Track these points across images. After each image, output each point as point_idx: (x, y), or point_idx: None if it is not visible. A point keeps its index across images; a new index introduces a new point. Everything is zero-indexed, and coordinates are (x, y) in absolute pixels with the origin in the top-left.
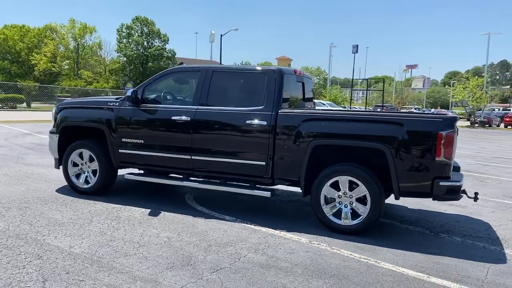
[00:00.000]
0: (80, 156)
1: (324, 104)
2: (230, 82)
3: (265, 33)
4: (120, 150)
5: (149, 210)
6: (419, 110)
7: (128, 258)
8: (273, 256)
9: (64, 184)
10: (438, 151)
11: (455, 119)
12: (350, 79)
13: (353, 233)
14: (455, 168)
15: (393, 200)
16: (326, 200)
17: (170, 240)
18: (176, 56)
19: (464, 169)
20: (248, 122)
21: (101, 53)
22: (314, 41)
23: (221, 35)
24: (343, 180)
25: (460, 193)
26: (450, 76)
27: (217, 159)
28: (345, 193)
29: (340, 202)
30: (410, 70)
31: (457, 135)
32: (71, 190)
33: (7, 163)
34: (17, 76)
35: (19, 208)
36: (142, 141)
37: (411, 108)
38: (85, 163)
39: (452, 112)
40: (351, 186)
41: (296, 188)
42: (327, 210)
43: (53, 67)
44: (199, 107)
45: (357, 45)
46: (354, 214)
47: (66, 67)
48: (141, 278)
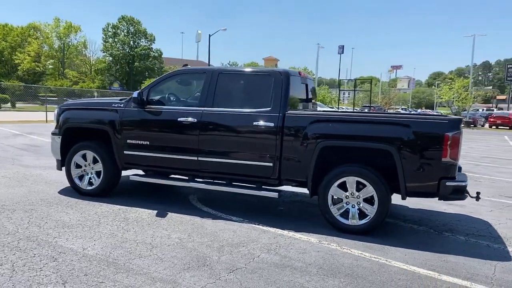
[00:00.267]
0: (84, 157)
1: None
2: (236, 83)
3: (251, 33)
4: (125, 152)
5: (155, 211)
6: (405, 110)
7: (143, 260)
8: (286, 256)
9: (65, 185)
10: (444, 152)
11: (460, 121)
12: (336, 79)
13: (360, 233)
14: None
15: (395, 200)
16: (334, 200)
17: (181, 241)
18: (162, 56)
19: None
20: (255, 123)
21: (86, 52)
22: (301, 42)
23: (209, 35)
24: (351, 181)
25: (465, 193)
26: (434, 77)
27: (224, 160)
28: (353, 194)
29: (348, 203)
30: (395, 70)
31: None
32: (73, 191)
33: (4, 165)
34: (0, 75)
35: (24, 210)
36: (148, 143)
37: (398, 108)
38: (89, 164)
39: (437, 112)
40: (358, 186)
41: (297, 189)
42: (335, 211)
43: (37, 66)
44: (205, 108)
45: (343, 45)
46: (361, 214)
47: (50, 66)
48: (160, 279)
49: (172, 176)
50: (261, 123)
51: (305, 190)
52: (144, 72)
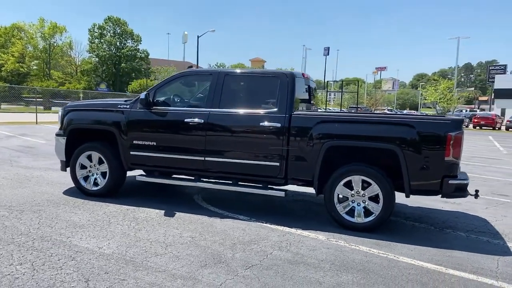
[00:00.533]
0: (89, 158)
1: None
2: (242, 85)
3: (238, 35)
4: (132, 152)
5: (163, 211)
6: (391, 111)
7: (160, 258)
8: (298, 253)
9: (69, 186)
10: (447, 151)
11: (462, 121)
12: (321, 80)
13: (366, 230)
14: None
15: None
16: (339, 199)
17: (194, 239)
18: (149, 57)
19: None
20: (262, 124)
21: (72, 53)
22: (287, 43)
23: (198, 37)
24: (356, 180)
25: (466, 191)
26: (418, 78)
27: (231, 160)
28: (358, 192)
29: (353, 201)
30: (379, 72)
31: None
32: (78, 192)
33: (3, 166)
34: None
35: (32, 211)
36: (154, 143)
37: (384, 109)
38: (94, 165)
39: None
40: (363, 185)
41: (301, 188)
42: (341, 209)
43: (21, 67)
44: (212, 109)
45: (328, 47)
46: (367, 212)
47: (34, 67)
48: (180, 276)
49: (177, 176)
50: (268, 123)
51: (308, 189)
52: (131, 73)
